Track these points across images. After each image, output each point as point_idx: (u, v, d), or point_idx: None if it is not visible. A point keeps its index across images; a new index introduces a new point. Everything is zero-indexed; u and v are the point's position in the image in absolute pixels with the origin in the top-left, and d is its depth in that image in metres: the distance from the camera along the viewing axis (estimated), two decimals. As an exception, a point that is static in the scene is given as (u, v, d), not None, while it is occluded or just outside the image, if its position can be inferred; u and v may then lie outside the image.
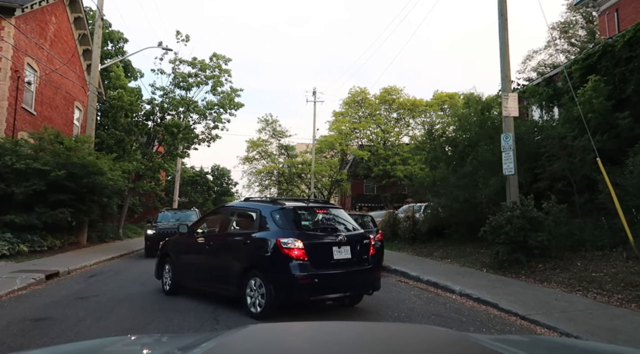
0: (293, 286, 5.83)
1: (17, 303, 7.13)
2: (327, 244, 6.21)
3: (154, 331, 5.45)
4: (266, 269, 6.07)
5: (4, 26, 15.68)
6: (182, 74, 23.40)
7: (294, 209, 6.61)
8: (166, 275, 8.14)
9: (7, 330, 5.40)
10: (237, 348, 1.60)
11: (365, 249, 6.56)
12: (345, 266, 6.18)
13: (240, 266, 6.42)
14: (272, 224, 6.36)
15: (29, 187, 13.09)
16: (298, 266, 5.83)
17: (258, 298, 6.05)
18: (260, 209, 6.70)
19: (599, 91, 11.70)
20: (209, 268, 7.14)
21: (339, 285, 6.12)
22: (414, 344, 1.69)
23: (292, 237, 5.99)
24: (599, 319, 5.73)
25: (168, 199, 38.17)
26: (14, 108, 16.13)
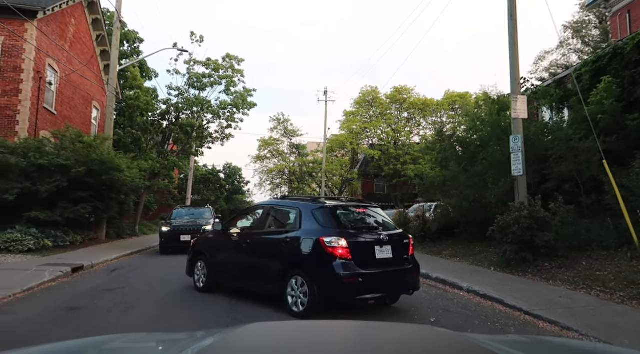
0: (337, 285, 5.77)
1: (49, 293, 7.59)
2: (370, 243, 6.18)
3: (179, 320, 5.84)
4: (309, 268, 6.03)
5: (27, 28, 16.25)
6: (197, 74, 23.89)
7: (335, 207, 6.60)
8: (199, 272, 8.09)
9: (45, 317, 5.85)
10: (236, 345, 1.62)
11: (405, 248, 6.55)
12: (387, 266, 6.15)
13: (280, 265, 6.38)
14: (313, 223, 6.31)
15: (52, 184, 13.59)
16: (342, 265, 5.78)
17: (300, 297, 6.02)
18: (300, 207, 6.67)
19: (610, 92, 11.88)
20: (247, 266, 7.10)
21: (382, 285, 6.09)
22: (413, 344, 1.71)
23: (336, 236, 5.94)
24: (600, 315, 6.00)
25: (181, 197, 38.74)
26: (36, 108, 16.70)
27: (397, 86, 36.64)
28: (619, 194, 8.79)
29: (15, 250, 11.62)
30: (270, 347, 1.60)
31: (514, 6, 11.80)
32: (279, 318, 6.02)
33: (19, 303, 6.77)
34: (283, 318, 6.02)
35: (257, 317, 6.09)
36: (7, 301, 6.82)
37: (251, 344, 1.63)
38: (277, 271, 6.39)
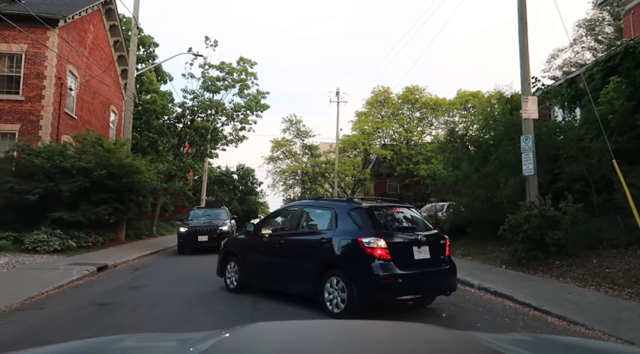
0: (377, 286, 5.75)
1: (78, 290, 8.02)
2: (408, 243, 6.13)
3: (201, 315, 6.18)
4: (347, 269, 5.99)
5: (49, 36, 16.80)
6: (211, 78, 24.36)
7: (372, 208, 6.55)
8: (230, 273, 8.08)
9: (79, 312, 6.25)
10: (239, 346, 1.62)
11: (442, 249, 6.52)
12: (425, 266, 6.11)
13: (316, 266, 6.37)
14: (350, 223, 6.29)
15: (74, 183, 14.06)
16: (381, 266, 5.75)
17: (338, 298, 5.98)
18: (335, 208, 6.65)
19: (620, 92, 11.97)
20: (281, 266, 7.08)
21: (421, 286, 6.07)
22: (415, 343, 1.72)
23: (374, 237, 5.90)
24: (607, 310, 6.21)
25: (195, 198, 39.31)
26: (58, 113, 17.26)
27: (409, 86, 36.74)
28: (629, 193, 8.94)
29: (42, 250, 12.12)
30: (274, 347, 1.61)
31: (524, 9, 11.97)
32: (307, 317, 6.22)
33: (52, 300, 7.18)
34: (313, 317, 6.22)
35: (279, 313, 6.40)
36: (40, 298, 7.23)
37: (255, 344, 1.64)
38: (313, 271, 6.37)
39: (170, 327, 5.50)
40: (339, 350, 1.59)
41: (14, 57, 16.65)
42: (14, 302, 6.67)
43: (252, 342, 1.67)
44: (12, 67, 16.64)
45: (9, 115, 16.38)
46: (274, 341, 1.69)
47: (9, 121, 16.34)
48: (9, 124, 16.35)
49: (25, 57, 16.61)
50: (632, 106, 11.81)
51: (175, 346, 1.77)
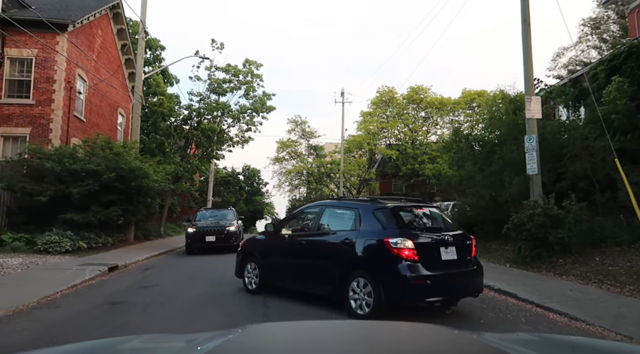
0: (405, 287, 5.65)
1: (91, 290, 8.24)
2: (435, 244, 6.02)
3: (211, 313, 6.36)
4: (374, 270, 5.90)
5: (59, 41, 17.09)
6: (218, 80, 24.62)
7: (397, 208, 6.45)
8: (250, 274, 7.97)
9: (93, 311, 6.47)
10: (246, 346, 1.64)
11: (469, 249, 6.42)
12: (452, 267, 6.01)
13: (341, 267, 6.27)
14: (375, 224, 6.19)
15: (84, 187, 14.33)
16: (409, 267, 5.65)
17: (363, 299, 5.89)
18: (358, 208, 6.55)
19: (622, 92, 12.05)
20: (303, 267, 6.98)
21: (448, 287, 5.97)
22: (420, 343, 1.73)
23: (401, 237, 5.80)
24: (608, 307, 6.33)
25: (202, 199, 39.63)
26: (67, 116, 17.56)
27: (414, 86, 36.78)
28: (631, 192, 9.03)
29: (54, 251, 12.37)
30: (281, 347, 1.62)
31: (527, 11, 12.08)
32: (318, 316, 6.35)
33: (66, 299, 7.40)
34: (323, 316, 6.35)
35: (289, 311, 6.57)
36: (55, 297, 7.46)
37: (262, 345, 1.65)
38: (336, 272, 6.28)
39: (181, 325, 5.69)
40: (346, 350, 1.59)
41: (24, 61, 16.97)
42: (31, 301, 6.90)
43: (258, 342, 1.68)
44: (23, 72, 16.96)
45: (20, 118, 16.70)
46: (280, 341, 1.70)
47: (20, 125, 16.66)
48: (20, 127, 16.67)
49: (35, 61, 16.93)
50: (635, 105, 11.88)
51: (182, 347, 1.76)
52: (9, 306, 6.46)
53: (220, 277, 9.91)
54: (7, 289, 7.67)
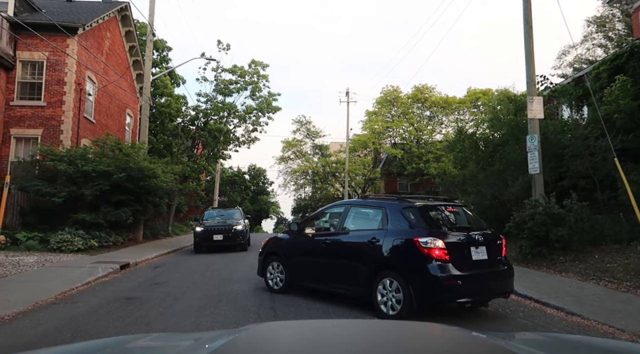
0: (436, 288, 5.57)
1: (105, 287, 8.55)
2: (465, 243, 5.93)
3: (221, 308, 6.64)
4: (403, 270, 5.81)
5: (69, 44, 17.46)
6: (224, 81, 24.93)
7: (426, 207, 6.35)
8: (274, 274, 7.89)
9: (109, 306, 6.77)
10: (251, 345, 1.64)
11: (499, 249, 6.29)
12: (483, 267, 5.91)
13: (368, 266, 6.19)
14: (403, 223, 6.11)
15: (95, 187, 14.67)
16: (440, 267, 5.57)
17: (392, 300, 5.80)
18: (386, 206, 6.46)
19: (625, 91, 12.21)
20: (329, 267, 6.90)
21: (480, 288, 5.88)
22: (423, 342, 1.74)
23: (431, 236, 5.72)
24: (604, 302, 6.56)
25: (208, 199, 39.98)
26: (78, 117, 17.93)
27: (418, 86, 36.92)
28: (630, 190, 9.23)
29: (67, 249, 12.73)
30: (285, 346, 1.63)
31: (529, 12, 12.28)
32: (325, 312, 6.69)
33: (82, 295, 7.71)
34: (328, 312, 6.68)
35: (295, 306, 6.84)
36: (71, 293, 7.77)
37: (267, 344, 1.67)
38: (364, 272, 6.21)
39: (194, 318, 5.97)
40: (350, 350, 1.61)
41: (36, 64, 17.36)
42: (49, 297, 7.22)
43: (263, 341, 1.71)
44: (35, 74, 17.35)
45: (32, 120, 17.09)
46: (285, 341, 1.72)
47: (32, 126, 17.05)
48: (32, 129, 17.06)
49: (46, 64, 17.30)
50: (637, 104, 12.04)
51: (189, 345, 1.76)
52: (29, 302, 6.78)
53: (229, 274, 10.23)
54: (25, 286, 7.99)
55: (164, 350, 1.83)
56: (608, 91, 12.42)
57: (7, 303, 6.59)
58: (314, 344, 1.67)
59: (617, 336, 5.15)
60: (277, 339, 1.75)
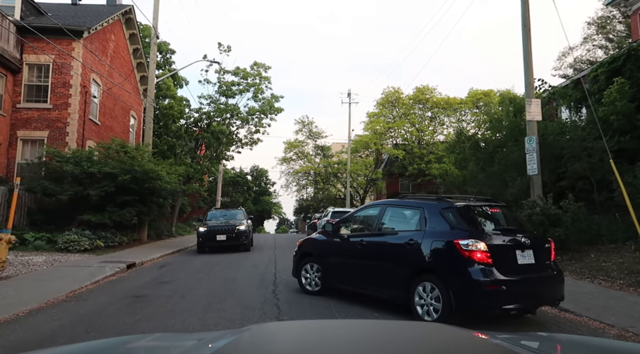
0: (477, 293, 5.30)
1: (113, 285, 8.80)
2: (510, 246, 5.62)
3: (229, 305, 6.88)
4: (442, 274, 5.59)
5: (74, 47, 17.74)
6: (227, 83, 25.20)
7: (467, 207, 6.11)
8: (309, 275, 7.75)
9: (119, 303, 7.02)
10: (254, 345, 1.65)
11: (547, 253, 5.97)
12: (529, 272, 5.61)
13: (405, 269, 5.99)
14: (442, 224, 5.88)
15: (101, 188, 14.93)
16: (482, 271, 5.31)
17: (431, 305, 5.58)
18: (424, 207, 6.22)
19: (623, 93, 12.42)
20: (365, 269, 6.72)
21: (526, 294, 5.56)
22: (427, 342, 1.74)
23: (473, 238, 5.46)
24: (597, 299, 6.77)
25: (211, 199, 40.26)
26: (83, 119, 18.21)
27: (419, 86, 37.08)
28: (625, 191, 9.43)
29: (74, 250, 12.99)
30: (288, 346, 1.64)
31: (528, 17, 12.49)
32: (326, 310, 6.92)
33: (92, 293, 7.96)
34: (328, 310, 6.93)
35: (298, 302, 7.07)
36: (81, 292, 8.02)
37: (269, 344, 1.68)
38: (401, 275, 6.02)
39: (201, 315, 6.20)
40: (353, 350, 1.61)
41: (42, 67, 17.64)
42: (60, 295, 7.47)
43: (265, 342, 1.72)
44: (41, 77, 17.63)
45: (38, 122, 17.37)
46: (287, 341, 1.73)
47: (38, 128, 17.33)
48: (38, 130, 17.34)
49: (52, 67, 17.59)
50: (634, 106, 12.24)
51: (192, 346, 1.77)
52: (41, 300, 7.03)
53: (233, 273, 10.46)
54: (37, 285, 8.25)
55: (166, 350, 1.86)
56: (607, 93, 12.62)
57: (21, 301, 6.85)
58: (315, 344, 1.67)
59: (607, 332, 5.37)
60: (279, 339, 1.76)
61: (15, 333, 5.34)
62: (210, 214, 18.75)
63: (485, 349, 1.67)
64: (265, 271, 10.62)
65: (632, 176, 9.98)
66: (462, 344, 1.72)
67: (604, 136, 10.71)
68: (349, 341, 1.73)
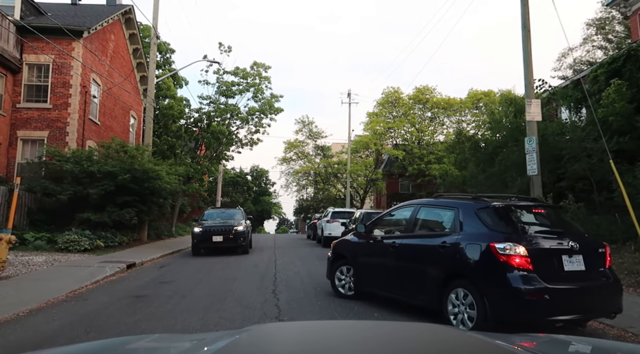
0: (515, 302, 4.86)
1: (113, 285, 8.81)
2: (555, 251, 5.14)
3: (230, 305, 6.88)
4: (477, 280, 5.19)
5: (74, 47, 17.74)
6: (227, 83, 25.22)
7: (506, 207, 5.67)
8: (344, 277, 7.50)
9: (119, 303, 7.03)
10: (253, 346, 1.65)
11: (601, 259, 5.40)
12: (578, 280, 5.08)
13: (438, 274, 5.65)
14: (478, 225, 5.48)
15: (101, 187, 14.92)
16: (521, 278, 4.87)
17: (464, 313, 5.18)
18: (459, 207, 5.84)
19: (621, 95, 12.44)
20: (396, 273, 6.44)
21: (574, 305, 5.02)
22: (427, 343, 1.74)
23: (511, 242, 5.02)
24: (597, 300, 6.76)
25: (211, 199, 40.27)
26: (83, 119, 18.22)
27: (419, 87, 37.12)
28: (624, 191, 9.44)
29: (74, 249, 12.99)
30: (287, 347, 1.63)
31: (527, 17, 12.47)
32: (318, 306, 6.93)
33: (92, 293, 7.96)
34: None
35: (297, 302, 7.07)
36: (81, 292, 8.02)
37: (269, 345, 1.68)
38: (433, 280, 5.68)
39: (202, 315, 6.21)
40: (353, 350, 1.61)
41: (42, 67, 17.65)
42: (60, 294, 7.48)
43: (264, 343, 1.71)
44: (41, 77, 17.64)
45: (38, 122, 17.37)
46: (287, 342, 1.72)
47: (39, 128, 17.33)
48: (38, 130, 17.35)
49: (52, 67, 17.59)
50: (633, 107, 12.26)
51: (190, 347, 1.77)
52: (41, 299, 7.03)
53: (233, 273, 10.48)
54: (37, 284, 8.26)
55: (166, 351, 1.86)
56: (605, 94, 12.64)
57: (21, 300, 6.85)
58: (315, 345, 1.67)
59: (607, 332, 5.38)
60: (278, 340, 1.76)
61: (15, 332, 5.34)
62: (206, 213, 17.94)
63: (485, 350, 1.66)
64: (266, 271, 10.63)
65: (631, 176, 9.99)
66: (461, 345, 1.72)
67: (603, 137, 10.72)
68: (349, 341, 1.74)
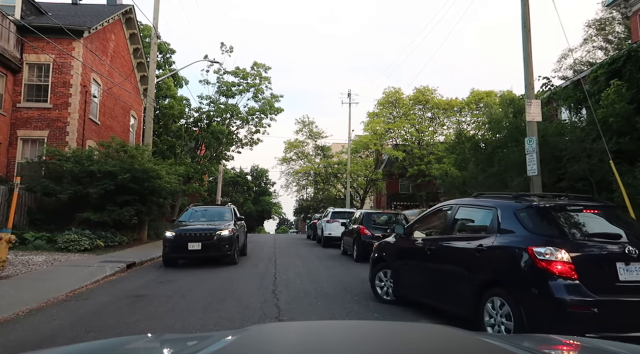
0: (556, 314, 4.33)
1: (113, 285, 8.81)
2: (607, 257, 4.58)
3: (229, 305, 6.88)
4: (513, 288, 4.73)
5: (75, 46, 17.75)
6: (227, 83, 25.25)
7: (550, 208, 5.12)
8: (384, 281, 7.20)
9: (119, 303, 7.03)
10: (251, 346, 1.64)
11: None
12: (637, 292, 4.41)
13: (473, 281, 5.20)
14: (517, 227, 5.01)
15: (101, 187, 14.93)
16: (564, 287, 4.34)
17: (502, 324, 4.74)
18: (497, 207, 5.36)
19: (620, 95, 12.44)
20: (433, 279, 6.07)
21: (629, 320, 4.33)
22: (428, 344, 1.73)
23: (551, 246, 4.51)
24: (597, 300, 6.75)
25: (211, 199, 40.26)
26: (83, 119, 18.23)
27: (420, 88, 37.12)
28: (624, 192, 9.44)
29: (74, 249, 12.99)
30: (286, 348, 1.62)
31: (528, 17, 12.49)
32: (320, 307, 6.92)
33: (92, 292, 7.96)
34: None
35: (297, 302, 7.07)
36: (81, 291, 8.02)
37: (267, 345, 1.68)
38: (468, 288, 5.24)
39: (201, 315, 6.21)
40: (353, 351, 1.61)
41: (42, 67, 17.66)
42: (60, 294, 7.48)
43: (264, 343, 1.71)
44: (41, 77, 17.65)
45: (39, 122, 17.38)
46: (286, 342, 1.72)
47: (39, 128, 17.34)
48: (38, 130, 17.35)
49: (52, 67, 17.60)
50: (633, 108, 12.25)
51: (189, 347, 1.75)
52: (41, 299, 7.03)
53: (232, 273, 10.47)
54: (37, 284, 8.26)
55: (165, 351, 1.87)
56: (604, 95, 12.64)
57: (21, 300, 6.85)
58: (314, 346, 1.66)
59: (607, 332, 5.35)
60: (277, 340, 1.76)
61: (15, 332, 5.34)
62: (186, 213, 14.11)
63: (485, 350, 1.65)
64: (265, 271, 10.63)
65: (631, 176, 9.98)
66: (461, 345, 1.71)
67: (603, 137, 10.72)
68: (349, 341, 1.73)
